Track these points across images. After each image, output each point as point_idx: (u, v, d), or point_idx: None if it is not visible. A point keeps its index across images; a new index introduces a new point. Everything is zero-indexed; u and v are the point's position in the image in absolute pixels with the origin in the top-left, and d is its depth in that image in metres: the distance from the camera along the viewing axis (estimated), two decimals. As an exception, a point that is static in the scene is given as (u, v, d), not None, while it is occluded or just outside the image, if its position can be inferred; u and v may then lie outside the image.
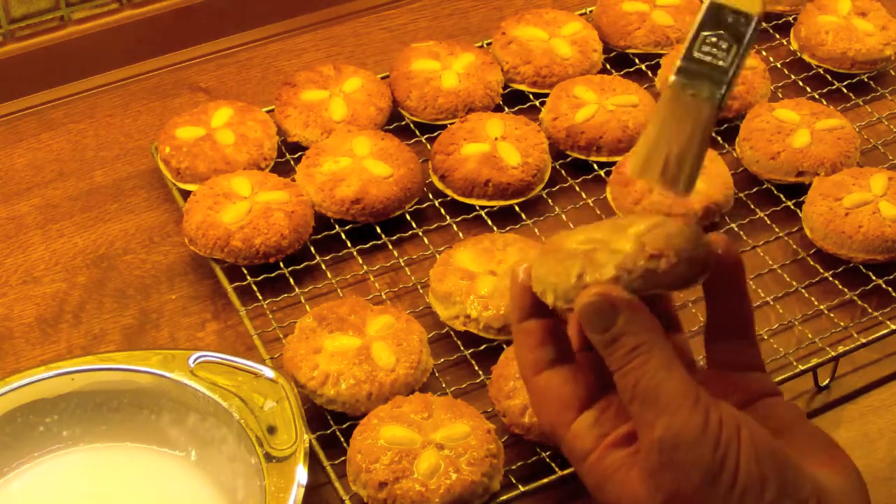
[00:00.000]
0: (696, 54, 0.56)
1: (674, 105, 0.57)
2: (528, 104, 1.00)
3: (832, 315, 0.84)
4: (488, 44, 1.04)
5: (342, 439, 0.75)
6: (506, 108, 0.99)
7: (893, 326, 0.82)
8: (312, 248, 0.88)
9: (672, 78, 0.57)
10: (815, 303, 0.84)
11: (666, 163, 0.57)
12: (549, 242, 0.60)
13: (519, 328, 0.61)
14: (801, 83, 1.01)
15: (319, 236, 0.88)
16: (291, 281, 0.85)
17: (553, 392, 0.60)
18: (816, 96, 0.99)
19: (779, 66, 1.03)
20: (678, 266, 0.56)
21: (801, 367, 0.79)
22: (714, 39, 0.56)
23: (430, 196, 0.92)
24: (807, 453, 0.57)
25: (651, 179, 0.57)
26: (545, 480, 0.73)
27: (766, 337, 0.82)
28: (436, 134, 0.95)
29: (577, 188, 0.93)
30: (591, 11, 1.07)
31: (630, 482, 0.56)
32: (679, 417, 0.54)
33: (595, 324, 0.56)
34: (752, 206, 0.91)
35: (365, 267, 0.87)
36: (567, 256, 0.57)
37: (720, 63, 0.56)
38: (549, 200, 0.92)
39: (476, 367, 0.80)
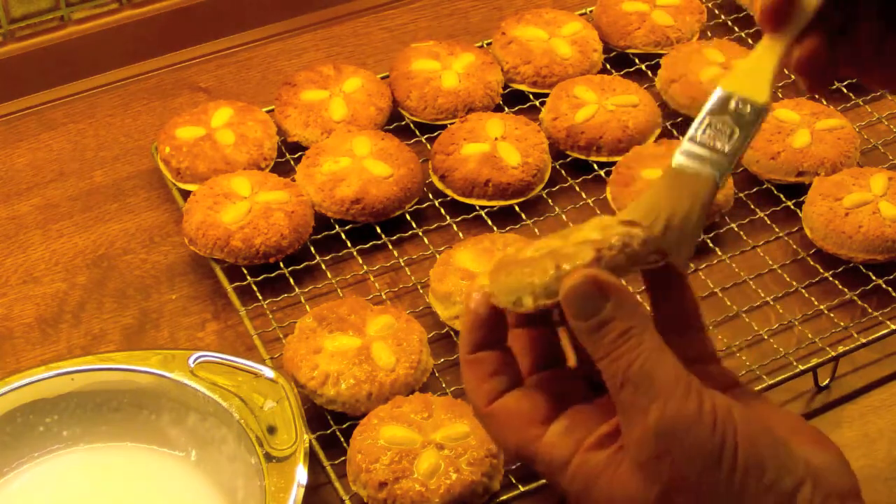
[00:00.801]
0: (699, 138, 0.58)
1: (675, 180, 0.58)
2: (528, 104, 1.00)
3: (832, 315, 0.83)
4: (488, 44, 1.04)
5: (342, 439, 0.75)
6: (506, 108, 0.99)
7: (893, 326, 0.82)
8: (312, 248, 0.88)
9: (676, 157, 0.58)
10: (815, 303, 0.84)
11: (668, 224, 0.57)
12: (500, 261, 0.59)
13: (470, 359, 0.59)
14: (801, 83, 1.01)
15: (319, 236, 0.88)
16: (291, 281, 0.85)
17: (513, 413, 0.58)
18: (816, 96, 0.99)
19: (779, 66, 1.03)
20: (647, 241, 0.55)
21: (801, 367, 0.79)
22: (719, 125, 0.58)
23: (430, 196, 0.92)
24: (789, 434, 0.57)
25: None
26: (545, 480, 0.73)
27: (766, 337, 0.82)
28: (436, 134, 0.95)
29: (577, 188, 0.93)
30: (591, 11, 1.07)
31: (619, 479, 0.55)
32: (674, 401, 0.53)
33: (582, 309, 0.54)
34: (752, 206, 0.91)
35: (365, 267, 0.87)
36: (533, 261, 0.56)
37: (722, 147, 0.58)
38: (549, 200, 0.92)
39: (476, 367, 0.80)
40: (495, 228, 0.89)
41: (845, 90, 1.01)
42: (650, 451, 0.53)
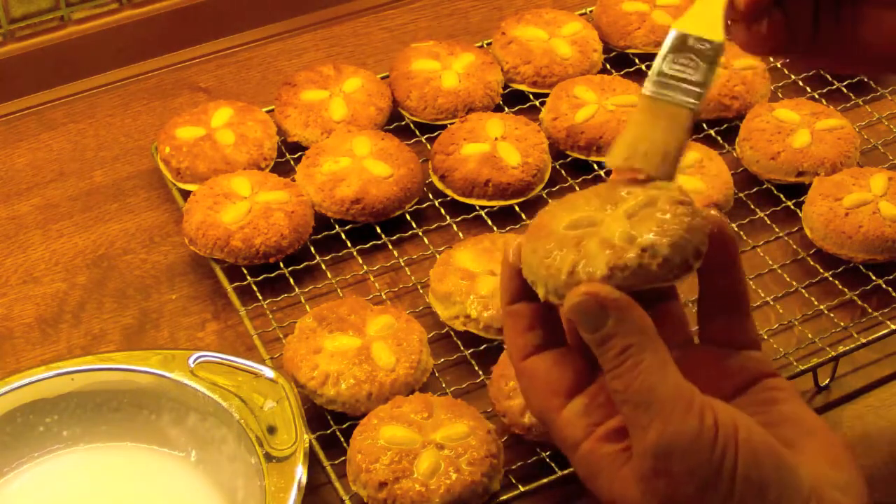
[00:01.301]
0: (666, 72, 0.60)
1: (649, 110, 0.60)
2: (528, 104, 1.00)
3: (832, 315, 0.83)
4: (488, 44, 1.04)
5: (342, 439, 0.75)
6: (506, 108, 0.99)
7: (893, 326, 0.82)
8: (312, 248, 0.88)
9: (646, 89, 0.60)
10: (815, 303, 0.84)
11: (647, 151, 0.59)
12: (537, 224, 0.59)
13: (508, 311, 0.60)
14: (801, 83, 1.01)
15: (319, 236, 0.88)
16: (291, 281, 0.85)
17: (540, 377, 0.59)
18: (816, 96, 0.99)
19: (779, 66, 1.03)
20: (672, 257, 0.55)
21: (801, 367, 0.79)
22: (683, 61, 0.60)
23: (430, 196, 0.92)
24: (805, 445, 0.56)
25: (633, 164, 0.59)
26: (545, 480, 0.73)
27: (766, 337, 0.82)
28: (436, 134, 0.95)
29: (577, 188, 0.93)
30: (591, 11, 1.07)
31: (622, 480, 0.56)
32: (673, 422, 0.53)
33: (585, 323, 0.55)
34: (752, 206, 0.91)
35: (365, 267, 0.87)
36: (557, 245, 0.57)
37: (691, 77, 0.60)
38: (549, 200, 0.92)
39: (476, 367, 0.80)
40: (495, 228, 0.89)
41: (845, 90, 1.01)
42: (649, 468, 0.54)
